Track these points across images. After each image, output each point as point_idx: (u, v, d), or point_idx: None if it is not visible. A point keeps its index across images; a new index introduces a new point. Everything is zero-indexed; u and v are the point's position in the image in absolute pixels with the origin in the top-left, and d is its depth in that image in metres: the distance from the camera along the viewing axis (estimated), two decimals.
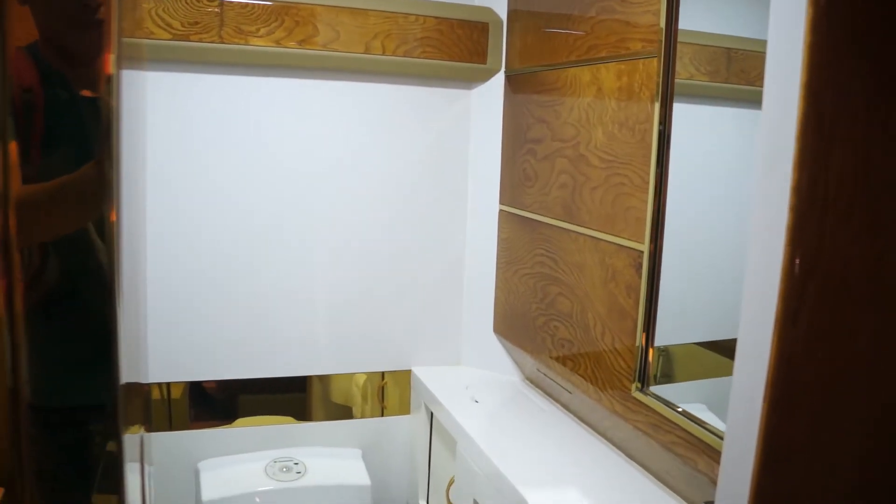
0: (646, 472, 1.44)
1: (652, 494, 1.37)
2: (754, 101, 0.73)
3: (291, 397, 1.95)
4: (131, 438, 0.87)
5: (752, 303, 0.70)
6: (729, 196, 1.33)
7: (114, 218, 0.67)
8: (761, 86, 0.69)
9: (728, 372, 1.36)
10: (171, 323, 1.79)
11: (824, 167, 0.64)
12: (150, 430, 1.86)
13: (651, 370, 1.36)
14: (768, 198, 0.67)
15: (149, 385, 1.80)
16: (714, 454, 1.19)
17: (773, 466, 0.68)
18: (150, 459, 1.72)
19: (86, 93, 0.67)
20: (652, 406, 1.34)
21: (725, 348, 1.39)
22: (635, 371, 1.38)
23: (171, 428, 1.87)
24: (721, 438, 1.18)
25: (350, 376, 1.97)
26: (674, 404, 1.31)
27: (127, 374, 0.77)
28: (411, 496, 2.02)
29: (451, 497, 1.71)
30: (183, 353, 1.82)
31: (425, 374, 1.93)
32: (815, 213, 0.65)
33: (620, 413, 1.42)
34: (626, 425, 1.44)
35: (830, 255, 0.65)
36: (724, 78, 1.30)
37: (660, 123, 1.30)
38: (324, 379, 1.95)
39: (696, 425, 1.24)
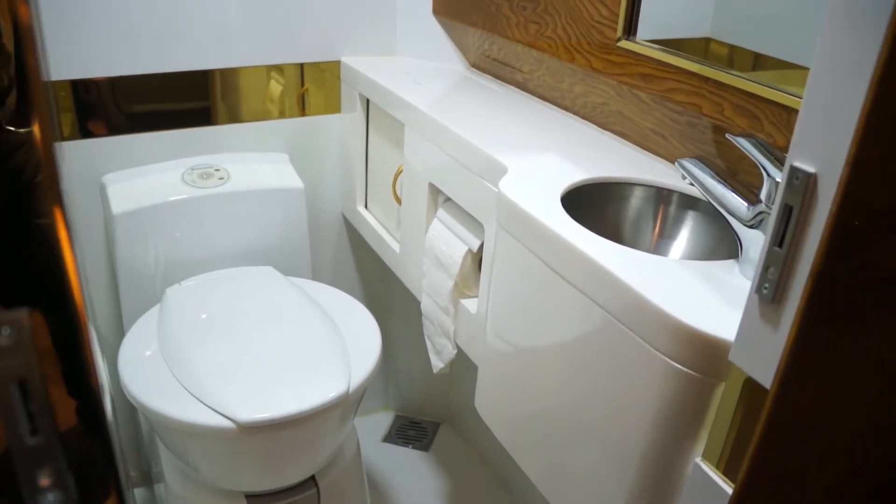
0: (624, 141, 1.31)
1: (633, 156, 1.24)
2: None
3: (196, 104, 1.68)
4: None
5: None
6: None
7: None
8: None
9: None
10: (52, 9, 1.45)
11: None
12: None
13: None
14: None
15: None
16: (722, 90, 1.05)
17: None
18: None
19: None
20: (645, 53, 1.17)
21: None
22: (620, 16, 1.19)
23: (61, 137, 1.59)
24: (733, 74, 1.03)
25: (263, 86, 1.71)
26: (670, 49, 1.14)
27: None
28: (347, 202, 1.85)
29: (398, 190, 1.55)
30: (68, 46, 1.50)
31: (358, 63, 1.70)
32: None
33: (601, 70, 1.25)
34: (606, 86, 1.28)
35: None
36: None
37: None
38: (232, 84, 1.68)
39: (701, 65, 1.08)
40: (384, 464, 2.00)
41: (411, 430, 2.14)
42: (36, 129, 0.57)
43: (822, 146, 0.62)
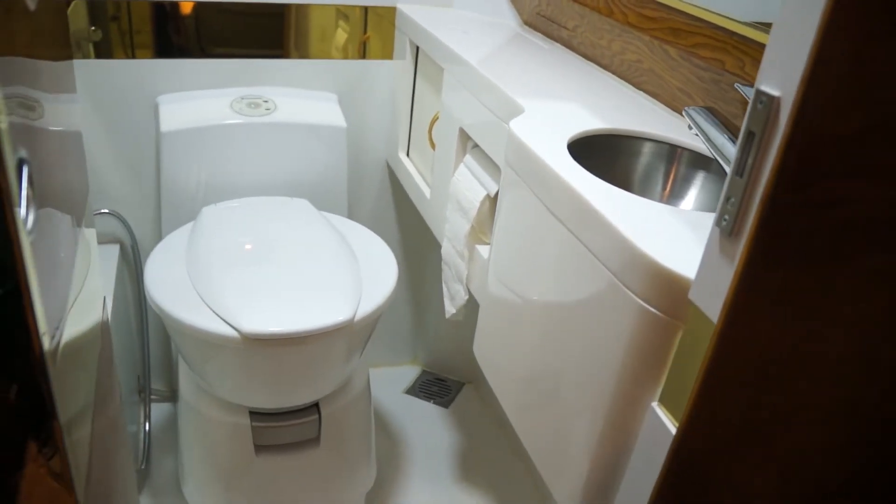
0: (655, 101, 1.29)
1: (658, 114, 1.22)
2: None
3: (267, 39, 1.73)
4: None
5: None
6: None
7: None
8: None
9: None
10: None
11: None
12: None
13: None
14: None
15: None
16: (746, 45, 1.02)
17: None
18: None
19: None
20: (675, 6, 1.15)
21: None
22: None
23: (132, 55, 1.66)
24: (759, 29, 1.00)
25: (330, 27, 1.74)
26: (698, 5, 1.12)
27: None
28: (391, 149, 1.88)
29: (433, 136, 1.56)
30: None
31: (412, 11, 1.72)
32: None
33: (636, 24, 1.24)
34: (640, 41, 1.26)
35: None
36: None
37: None
38: (302, 22, 1.72)
39: (727, 19, 1.06)
40: (402, 414, 2.03)
41: (435, 386, 2.16)
42: None
43: (787, 67, 0.60)
